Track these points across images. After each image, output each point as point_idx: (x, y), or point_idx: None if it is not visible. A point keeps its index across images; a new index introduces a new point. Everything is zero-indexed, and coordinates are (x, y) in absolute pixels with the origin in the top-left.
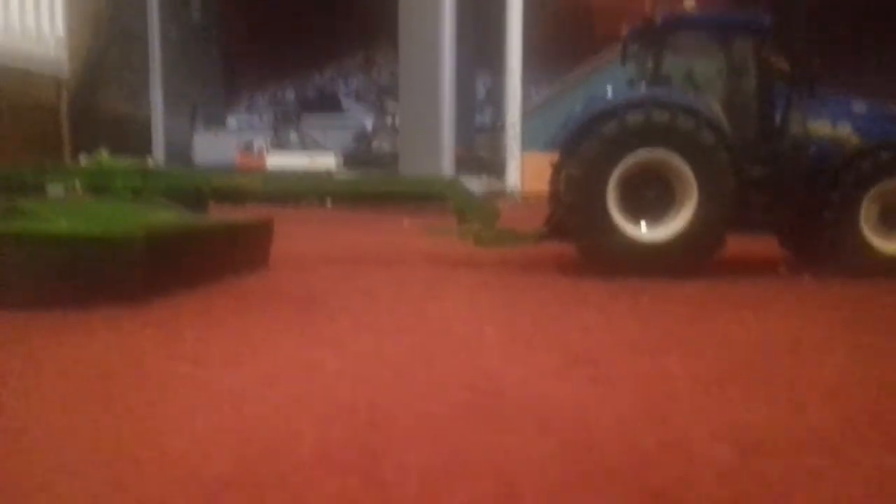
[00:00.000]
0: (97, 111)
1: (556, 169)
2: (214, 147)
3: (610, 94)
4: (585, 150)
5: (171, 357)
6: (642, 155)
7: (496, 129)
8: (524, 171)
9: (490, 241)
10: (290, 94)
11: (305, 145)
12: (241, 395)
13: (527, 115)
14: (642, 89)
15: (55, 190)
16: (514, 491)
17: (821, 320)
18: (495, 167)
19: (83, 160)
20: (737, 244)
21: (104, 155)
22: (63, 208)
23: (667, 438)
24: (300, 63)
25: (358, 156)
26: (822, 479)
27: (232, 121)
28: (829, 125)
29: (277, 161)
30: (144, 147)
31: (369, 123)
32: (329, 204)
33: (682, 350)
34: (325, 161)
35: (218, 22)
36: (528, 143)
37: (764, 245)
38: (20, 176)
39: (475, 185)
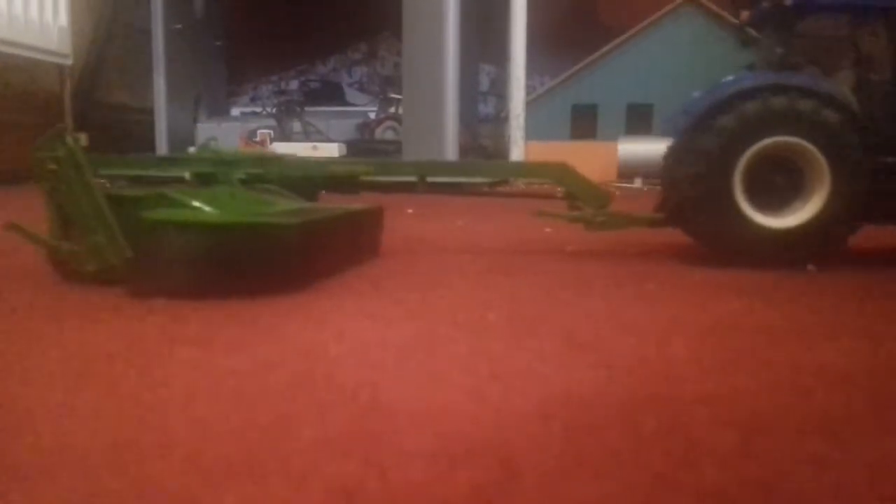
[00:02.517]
0: (100, 101)
1: (671, 153)
2: (217, 137)
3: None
4: (724, 122)
5: (174, 341)
6: (777, 139)
7: (500, 119)
8: (527, 160)
9: (601, 225)
10: (294, 85)
11: (309, 135)
12: (243, 380)
13: (529, 105)
14: (768, 75)
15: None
16: (515, 475)
17: (828, 308)
18: (499, 156)
19: (191, 150)
20: None
21: (217, 143)
22: (203, 196)
23: (669, 422)
24: (303, 54)
25: (361, 145)
26: (825, 464)
27: (235, 111)
28: None
29: (282, 151)
30: (147, 136)
31: (373, 113)
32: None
33: (686, 336)
34: (330, 151)
35: (221, 13)
36: (530, 133)
37: None
38: (141, 165)
39: None
